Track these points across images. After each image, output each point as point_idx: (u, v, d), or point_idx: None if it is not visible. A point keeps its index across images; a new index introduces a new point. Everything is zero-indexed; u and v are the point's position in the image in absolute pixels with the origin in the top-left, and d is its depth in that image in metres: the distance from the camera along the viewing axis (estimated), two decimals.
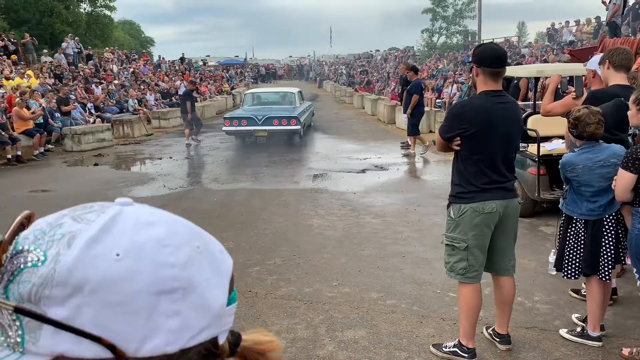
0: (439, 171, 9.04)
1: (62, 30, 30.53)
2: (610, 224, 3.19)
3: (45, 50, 21.06)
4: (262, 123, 12.19)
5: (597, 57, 4.09)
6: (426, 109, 15.07)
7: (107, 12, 39.18)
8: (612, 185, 3.04)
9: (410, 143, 11.69)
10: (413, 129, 10.82)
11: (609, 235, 3.19)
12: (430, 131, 13.63)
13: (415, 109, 10.69)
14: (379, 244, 5.39)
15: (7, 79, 15.27)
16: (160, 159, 11.50)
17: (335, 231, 5.86)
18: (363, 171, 9.47)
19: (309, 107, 15.32)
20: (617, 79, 3.63)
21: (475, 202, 3.00)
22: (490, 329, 3.41)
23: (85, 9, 37.88)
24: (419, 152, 10.84)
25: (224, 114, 13.85)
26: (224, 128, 12.56)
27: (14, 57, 18.05)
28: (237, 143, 12.94)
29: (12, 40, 19.98)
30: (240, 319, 3.81)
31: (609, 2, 12.02)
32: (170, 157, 11.58)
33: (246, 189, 8.22)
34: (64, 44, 21.77)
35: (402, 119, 13.05)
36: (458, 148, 3.05)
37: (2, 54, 18.37)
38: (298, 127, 12.29)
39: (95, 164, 11.04)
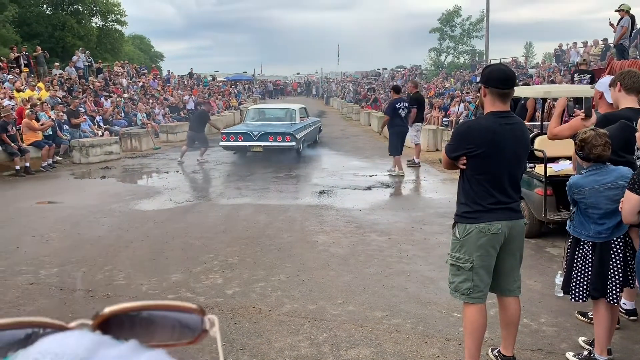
0: (445, 189, 9.02)
1: (74, 44, 30.92)
2: (618, 246, 3.17)
3: (56, 64, 21.31)
4: (258, 139, 12.25)
5: (605, 79, 4.10)
6: (433, 127, 15.15)
7: (118, 27, 39.73)
8: (619, 208, 3.03)
9: (417, 161, 11.71)
10: (390, 149, 10.67)
11: (617, 257, 3.17)
12: (437, 149, 13.64)
13: (390, 129, 10.60)
14: (384, 262, 5.37)
15: (19, 90, 15.45)
16: (167, 172, 11.56)
17: (340, 248, 5.85)
18: (369, 188, 9.47)
19: (313, 124, 15.32)
20: (628, 101, 3.63)
21: (481, 222, 2.99)
22: (496, 350, 3.38)
23: (96, 23, 38.43)
24: (391, 171, 10.63)
25: (223, 129, 14.02)
26: (221, 143, 12.64)
27: (25, 69, 18.27)
28: (243, 158, 13.00)
29: (25, 52, 20.25)
30: (243, 336, 3.79)
31: (617, 25, 12.07)
32: (177, 171, 11.65)
33: (252, 204, 8.24)
34: (74, 57, 22.03)
35: (409, 137, 13.07)
36: (464, 167, 3.05)
37: (14, 66, 18.61)
38: (293, 143, 12.26)
39: (103, 177, 11.10)
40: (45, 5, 35.33)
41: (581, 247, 3.27)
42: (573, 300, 3.32)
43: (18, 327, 0.44)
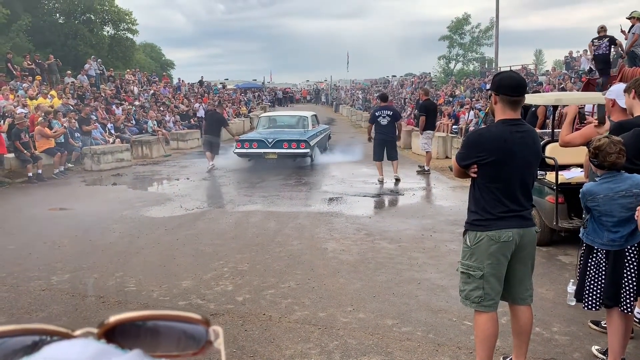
0: (455, 197, 8.99)
1: (86, 52, 31.23)
2: (632, 255, 3.14)
3: (68, 72, 21.53)
4: (272, 146, 12.36)
5: (616, 86, 4.08)
6: (442, 134, 15.13)
7: (130, 35, 40.08)
8: (635, 216, 3.00)
9: (427, 168, 11.70)
10: (374, 155, 10.80)
11: (631, 266, 3.13)
12: (447, 157, 13.60)
13: (374, 136, 10.72)
14: (394, 269, 5.35)
15: (32, 98, 15.63)
16: (178, 179, 11.62)
17: (350, 255, 5.84)
18: (378, 195, 9.46)
19: (324, 131, 15.40)
20: None
21: (492, 230, 2.97)
22: (508, 359, 3.35)
23: (108, 32, 38.79)
24: (379, 179, 10.66)
25: (238, 136, 14.14)
26: (235, 150, 12.71)
27: (38, 77, 18.50)
28: (253, 165, 13.05)
29: (38, 60, 20.51)
30: (254, 343, 3.79)
31: (628, 32, 12.00)
32: (188, 178, 11.70)
33: (262, 211, 8.25)
34: (86, 66, 22.25)
35: (418, 144, 13.07)
36: (475, 175, 3.05)
37: (27, 74, 18.85)
38: (307, 150, 12.38)
39: (114, 184, 11.18)
40: (58, 15, 35.77)
41: (594, 255, 3.24)
42: (586, 308, 3.29)
43: (25, 333, 0.44)
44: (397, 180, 10.60)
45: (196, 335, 0.48)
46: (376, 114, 10.73)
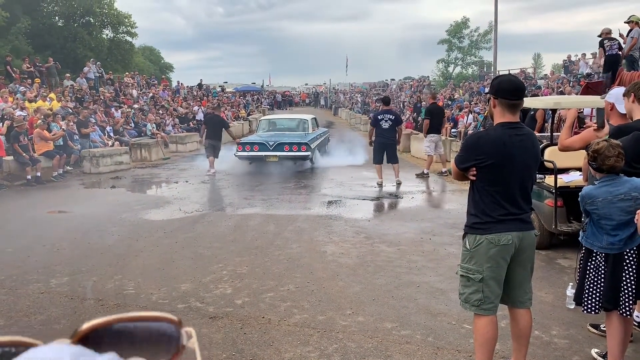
0: (454, 200, 9.00)
1: (85, 55, 31.24)
2: (631, 258, 3.14)
3: (67, 75, 21.54)
4: (274, 149, 12.40)
5: (615, 90, 4.09)
6: (442, 137, 15.14)
7: (129, 39, 40.09)
8: (635, 219, 3.00)
9: (425, 171, 11.72)
10: (373, 158, 10.83)
11: (630, 269, 3.14)
12: (446, 160, 13.60)
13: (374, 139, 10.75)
14: (393, 272, 5.35)
15: (30, 101, 15.63)
16: (177, 182, 11.62)
17: (349, 259, 5.84)
18: (378, 199, 9.46)
19: (323, 134, 15.45)
20: None
21: (491, 233, 2.98)
22: None
23: (107, 35, 38.81)
24: (377, 182, 10.67)
25: (239, 139, 14.16)
26: (237, 153, 12.72)
27: (37, 80, 18.51)
28: (252, 168, 13.06)
29: (37, 63, 20.52)
30: (253, 346, 3.79)
31: (627, 36, 12.04)
32: (186, 181, 11.70)
33: (261, 214, 8.25)
34: (85, 69, 22.27)
35: (422, 147, 13.09)
36: (474, 178, 3.05)
37: (26, 77, 18.85)
38: (308, 153, 12.44)
39: (113, 187, 11.17)
40: (57, 18, 35.79)
41: (594, 258, 3.25)
42: (585, 311, 3.30)
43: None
44: (399, 184, 10.59)
45: (171, 336, 0.48)
46: (379, 117, 10.74)
